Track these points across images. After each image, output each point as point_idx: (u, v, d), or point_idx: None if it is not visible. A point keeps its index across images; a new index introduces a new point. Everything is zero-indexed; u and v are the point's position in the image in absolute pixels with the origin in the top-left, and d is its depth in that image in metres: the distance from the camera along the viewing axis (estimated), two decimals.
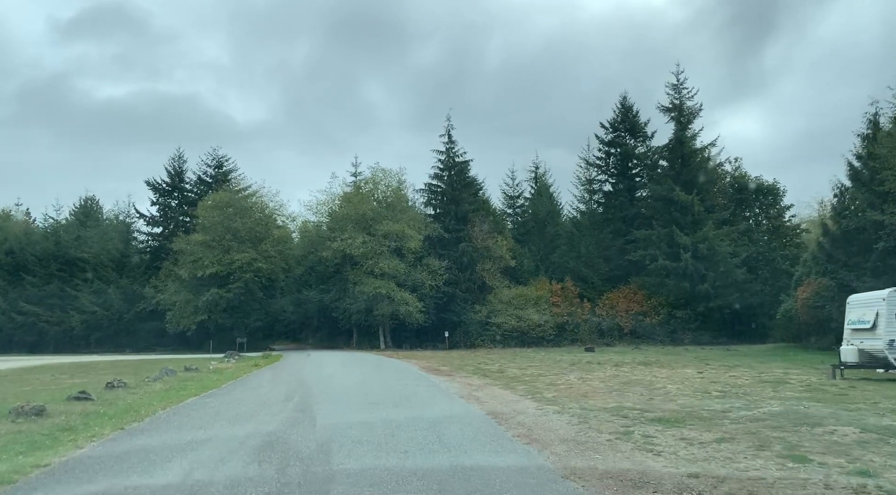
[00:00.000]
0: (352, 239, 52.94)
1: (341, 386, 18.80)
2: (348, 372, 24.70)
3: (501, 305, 56.98)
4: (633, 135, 63.88)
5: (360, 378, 21.16)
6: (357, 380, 20.03)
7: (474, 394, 16.58)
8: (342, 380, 20.93)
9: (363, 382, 19.18)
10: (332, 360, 35.45)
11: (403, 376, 22.57)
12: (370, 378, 22.12)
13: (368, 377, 22.25)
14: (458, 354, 44.38)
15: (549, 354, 41.91)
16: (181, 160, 73.27)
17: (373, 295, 52.38)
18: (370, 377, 22.27)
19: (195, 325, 58.35)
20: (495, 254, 59.31)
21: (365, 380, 20.32)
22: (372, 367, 28.37)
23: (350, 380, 20.56)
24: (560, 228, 66.14)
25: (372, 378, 22.04)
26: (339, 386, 18.89)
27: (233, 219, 59.68)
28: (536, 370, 25.94)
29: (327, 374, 23.40)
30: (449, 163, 61.38)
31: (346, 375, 23.36)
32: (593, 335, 58.05)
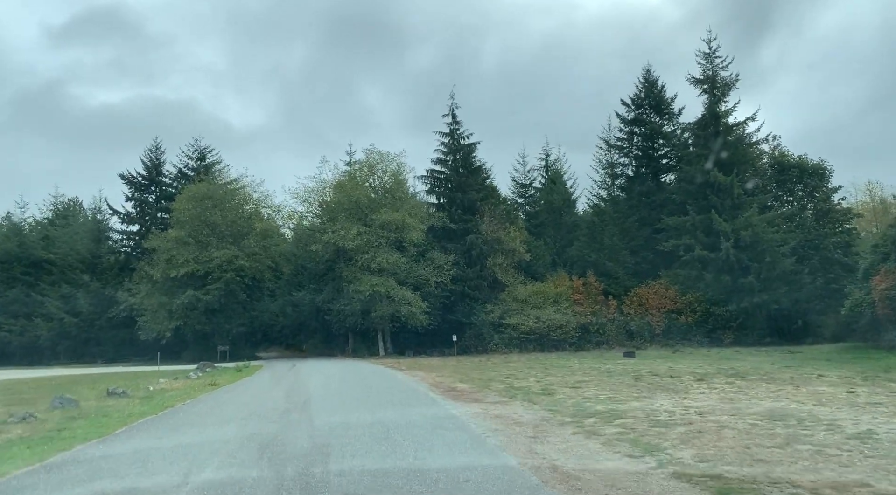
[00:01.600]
0: (345, 230, 45.27)
1: (306, 436, 11.09)
2: (329, 399, 16.98)
3: (517, 304, 49.30)
4: (658, 113, 56.32)
5: (342, 415, 13.47)
6: (336, 423, 12.33)
7: (543, 454, 8.94)
8: (315, 420, 13.22)
9: (344, 427, 11.54)
10: (316, 375, 27.79)
11: (410, 406, 14.86)
12: (359, 411, 14.43)
13: (356, 410, 14.57)
14: (471, 363, 36.73)
15: (583, 361, 34.24)
16: (159, 151, 65.72)
17: (370, 294, 44.74)
18: (359, 409, 14.59)
19: (169, 332, 50.62)
20: (507, 246, 51.65)
21: (348, 421, 12.65)
22: (365, 387, 20.67)
23: (324, 422, 12.85)
24: (578, 218, 58.50)
25: (361, 411, 14.35)
26: (302, 437, 11.17)
27: (211, 213, 52.07)
28: (594, 388, 18.29)
29: (298, 403, 15.73)
30: (454, 147, 53.78)
31: (324, 405, 15.64)
32: (621, 336, 50.44)
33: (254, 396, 18.30)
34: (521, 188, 62.76)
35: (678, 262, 50.87)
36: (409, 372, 27.70)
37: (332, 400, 16.04)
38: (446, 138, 53.82)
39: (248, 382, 24.47)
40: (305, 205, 49.55)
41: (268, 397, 17.67)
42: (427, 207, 51.77)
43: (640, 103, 56.48)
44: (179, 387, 22.65)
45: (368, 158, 48.49)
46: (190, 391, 20.83)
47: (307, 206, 49.61)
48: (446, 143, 53.84)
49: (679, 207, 51.81)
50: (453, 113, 53.71)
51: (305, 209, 49.69)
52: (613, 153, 57.93)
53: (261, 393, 19.43)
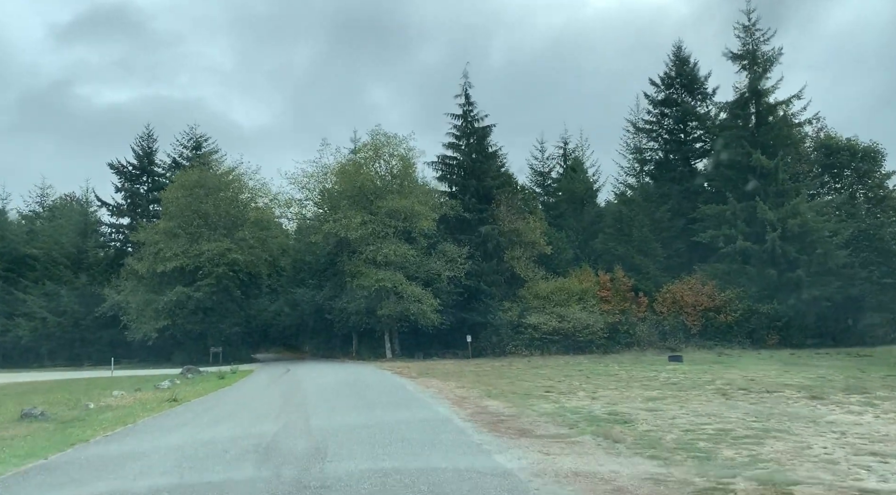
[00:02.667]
0: (348, 219, 40.10)
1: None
2: (314, 433, 11.74)
3: (538, 301, 44.05)
4: (690, 92, 50.97)
5: (327, 464, 8.33)
6: (313, 485, 7.18)
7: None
8: (282, 474, 8.03)
9: (334, 480, 6.47)
10: (308, 385, 22.62)
11: (429, 450, 9.55)
12: (354, 457, 9.22)
13: (350, 456, 9.33)
14: (491, 367, 31.51)
15: (625, 367, 28.93)
16: (151, 139, 60.78)
17: (375, 290, 39.56)
18: (355, 454, 9.35)
19: (155, 333, 45.58)
20: (527, 238, 46.43)
21: (337, 473, 7.51)
22: (366, 407, 15.47)
23: (294, 477, 7.68)
24: (602, 209, 53.17)
25: (357, 457, 9.15)
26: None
27: (203, 202, 47.04)
28: (675, 407, 13.04)
29: (265, 440, 10.54)
30: (467, 130, 48.57)
31: (305, 444, 10.42)
32: (653, 337, 45.13)
33: (209, 423, 13.12)
34: (539, 176, 57.46)
35: (716, 255, 45.56)
36: (421, 382, 22.53)
37: (318, 434, 10.82)
38: (459, 121, 48.65)
39: (221, 397, 19.32)
40: (304, 192, 44.33)
41: (228, 427, 12.48)
42: (438, 196, 46.55)
43: (671, 82, 51.19)
44: (129, 404, 17.54)
45: (374, 140, 43.28)
46: (136, 411, 15.71)
47: (306, 193, 44.42)
48: (459, 126, 48.66)
49: (716, 195, 46.53)
50: (466, 93, 48.56)
51: (304, 196, 44.46)
52: (641, 137, 52.57)
53: (223, 416, 14.24)
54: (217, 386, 23.58)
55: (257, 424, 12.33)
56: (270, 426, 11.73)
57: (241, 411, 14.55)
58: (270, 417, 13.29)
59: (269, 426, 11.76)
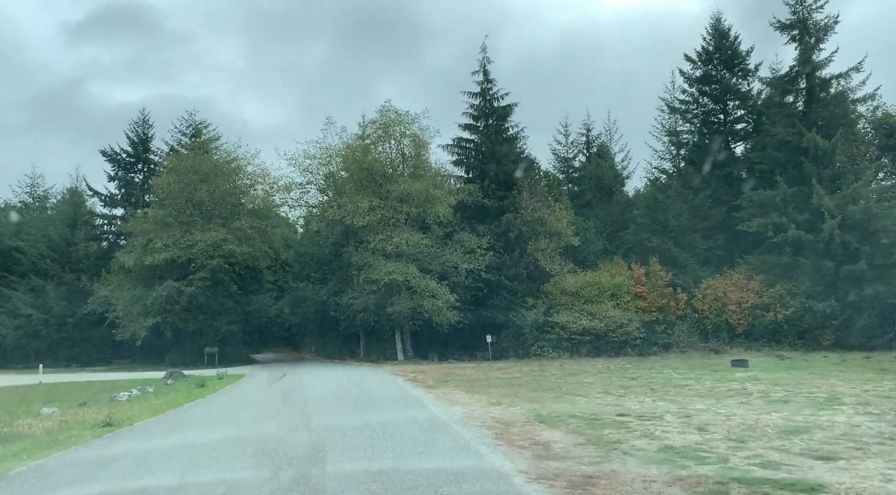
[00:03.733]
0: (354, 204, 35.26)
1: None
2: (285, 472, 6.79)
3: (565, 298, 39.09)
4: (730, 69, 45.79)
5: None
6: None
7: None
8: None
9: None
10: (298, 399, 17.76)
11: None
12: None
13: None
14: (520, 372, 26.55)
15: (682, 374, 23.88)
16: (146, 125, 56.23)
17: (385, 283, 34.73)
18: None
19: (144, 331, 40.96)
20: (552, 228, 41.50)
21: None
22: (373, 438, 10.49)
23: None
24: (633, 197, 48.11)
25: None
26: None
27: (197, 189, 42.40)
28: (858, 453, 8.12)
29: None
30: (485, 109, 43.63)
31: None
32: (693, 338, 40.10)
33: (130, 470, 8.28)
34: (563, 163, 52.37)
35: (763, 246, 40.43)
36: (441, 394, 17.64)
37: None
38: (476, 99, 43.70)
39: (178, 418, 14.46)
40: (306, 175, 39.35)
41: (167, 470, 7.62)
42: (454, 181, 41.66)
43: (709, 57, 46.01)
44: (49, 428, 12.75)
45: (383, 117, 38.29)
46: (31, 448, 10.90)
47: (308, 177, 39.45)
48: (476, 106, 43.73)
49: (762, 179, 41.36)
50: (485, 69, 43.56)
51: (306, 179, 39.49)
52: (676, 118, 47.40)
53: (153, 461, 9.35)
54: (188, 398, 18.80)
55: (203, 473, 7.45)
56: (245, 457, 6.84)
57: (185, 453, 9.64)
58: (243, 447, 8.42)
59: (241, 458, 6.87)
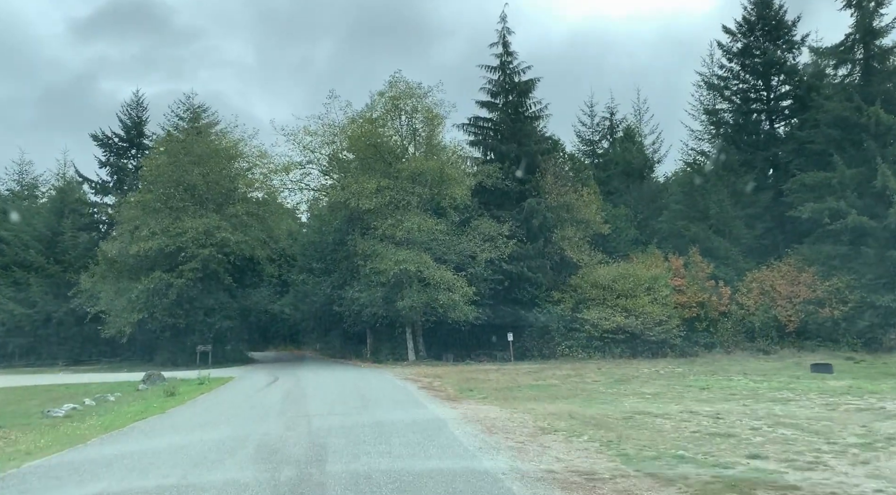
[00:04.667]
0: (359, 184, 30.86)
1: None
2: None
3: (596, 292, 34.59)
4: (774, 41, 41.10)
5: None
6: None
7: None
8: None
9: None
10: (282, 417, 13.34)
11: None
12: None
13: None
14: (555, 377, 22.08)
15: (757, 381, 19.35)
16: (140, 108, 52.15)
17: (395, 274, 30.31)
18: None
19: (129, 327, 36.75)
20: (579, 215, 37.06)
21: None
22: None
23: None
24: (667, 181, 43.54)
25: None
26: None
27: (188, 171, 38.21)
28: None
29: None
30: (505, 85, 39.14)
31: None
32: (739, 336, 35.56)
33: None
34: (588, 145, 47.70)
35: (817, 234, 35.77)
36: (470, 411, 13.24)
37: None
38: (495, 74, 39.21)
39: (106, 448, 10.12)
40: (306, 154, 34.81)
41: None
42: (471, 163, 37.20)
43: (751, 28, 41.33)
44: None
45: (392, 89, 33.80)
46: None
47: (308, 155, 34.91)
48: (495, 81, 39.23)
49: (815, 160, 36.70)
50: (504, 40, 39.09)
51: (306, 158, 34.92)
52: (715, 95, 42.69)
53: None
54: (143, 413, 14.51)
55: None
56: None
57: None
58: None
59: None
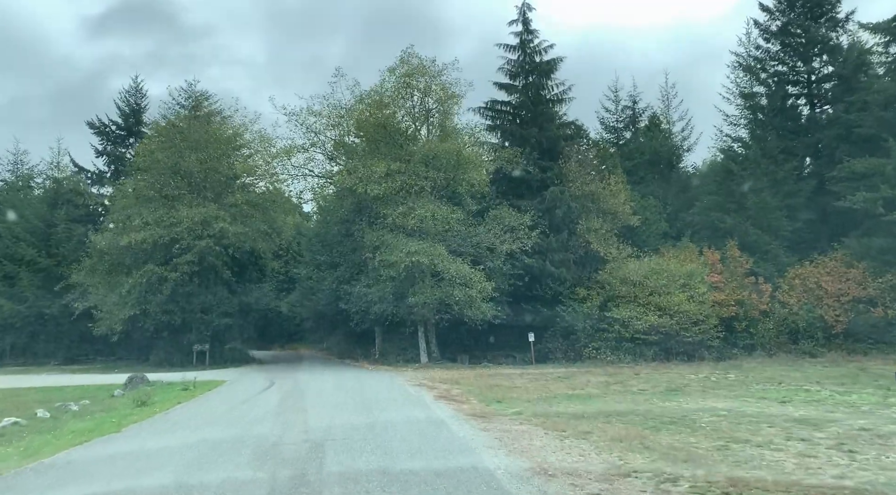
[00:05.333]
0: (367, 168, 27.73)
1: None
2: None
3: (626, 288, 31.33)
4: (816, 19, 37.71)
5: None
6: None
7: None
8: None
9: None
10: (267, 437, 10.20)
11: None
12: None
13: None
14: (592, 385, 18.85)
15: (843, 394, 16.05)
16: (139, 94, 49.27)
17: (406, 268, 27.14)
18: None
19: (120, 324, 33.81)
20: (606, 205, 33.86)
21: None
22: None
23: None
24: (698, 171, 40.23)
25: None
26: None
27: (184, 157, 35.26)
28: None
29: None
30: (526, 65, 35.95)
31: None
32: (782, 337, 32.25)
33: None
34: (613, 133, 44.36)
35: (867, 226, 32.48)
36: (505, 435, 10.14)
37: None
38: (515, 54, 36.04)
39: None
40: (309, 136, 31.56)
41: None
42: (488, 149, 33.95)
43: (790, 5, 37.97)
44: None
45: (404, 65, 30.56)
46: None
47: (311, 137, 31.64)
48: (515, 61, 36.07)
49: (865, 146, 33.31)
50: (525, 17, 35.90)
51: (309, 141, 31.63)
52: (751, 77, 39.27)
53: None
54: (96, 431, 11.45)
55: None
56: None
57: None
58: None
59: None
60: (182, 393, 18.33)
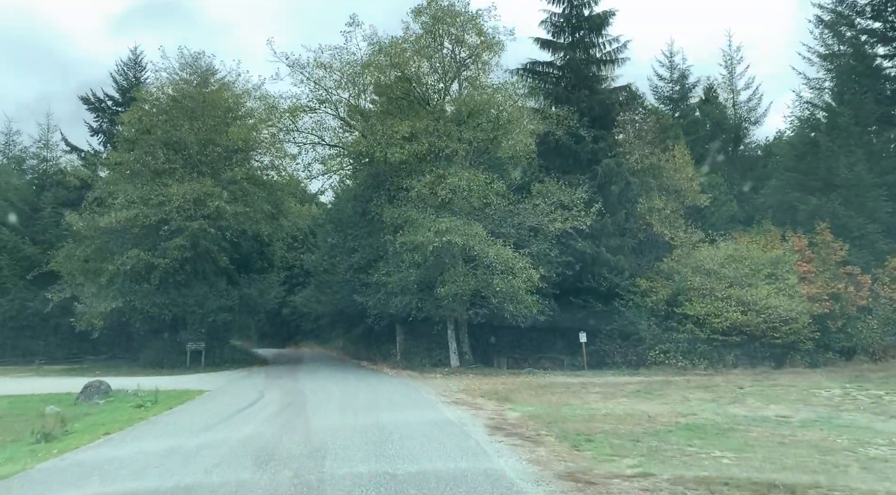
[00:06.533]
0: (387, 129, 22.16)
1: None
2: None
3: (699, 279, 25.52)
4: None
5: None
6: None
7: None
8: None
9: None
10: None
11: None
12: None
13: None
14: (703, 407, 13.13)
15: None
16: (138, 67, 44.17)
17: (435, 249, 21.49)
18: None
19: (100, 319, 28.63)
20: (670, 182, 28.08)
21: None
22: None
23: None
24: (774, 143, 34.21)
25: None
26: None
27: (176, 126, 30.02)
28: None
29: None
30: (573, 20, 30.19)
31: None
32: (886, 339, 26.26)
33: None
34: (668, 103, 38.34)
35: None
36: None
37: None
38: (559, 6, 30.32)
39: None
40: (318, 91, 25.67)
41: None
42: (529, 113, 28.08)
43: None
44: None
45: (432, 6, 24.76)
46: None
47: (320, 92, 25.78)
48: (560, 15, 30.35)
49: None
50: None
51: (317, 95, 25.69)
52: (838, 35, 33.06)
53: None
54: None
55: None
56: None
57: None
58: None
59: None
60: (130, 414, 12.97)
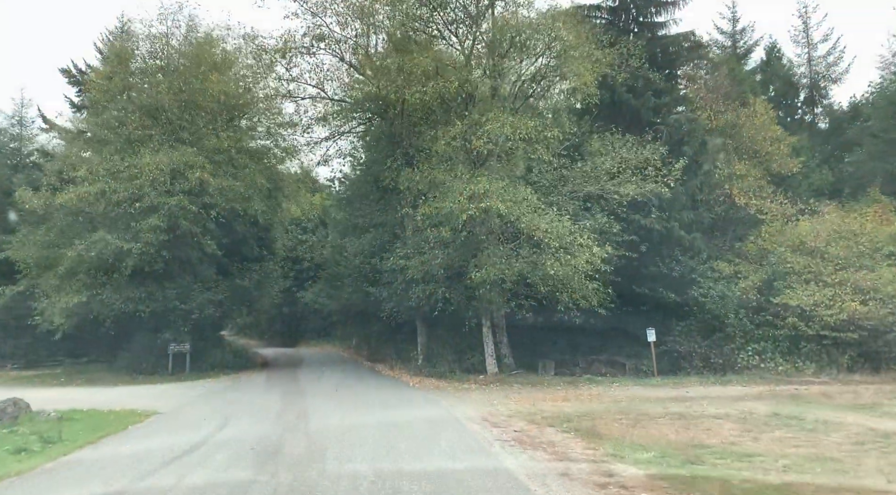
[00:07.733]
0: (402, 63, 16.63)
1: None
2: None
3: (801, 261, 19.80)
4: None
5: None
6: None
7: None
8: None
9: None
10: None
11: None
12: None
13: None
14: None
15: None
16: (125, 37, 38.79)
17: (470, 218, 15.95)
18: None
19: (63, 318, 23.31)
20: (755, 143, 22.40)
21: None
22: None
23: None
24: (857, 104, 28.41)
25: None
26: None
27: (156, 88, 24.78)
28: None
29: None
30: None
31: None
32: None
33: None
34: (734, 55, 32.45)
35: None
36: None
37: None
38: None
39: None
40: (315, 27, 19.90)
41: None
42: (589, 52, 22.24)
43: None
44: None
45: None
46: None
47: (317, 28, 19.95)
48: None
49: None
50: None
51: (310, 30, 19.88)
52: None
53: None
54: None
55: None
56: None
57: None
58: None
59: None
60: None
